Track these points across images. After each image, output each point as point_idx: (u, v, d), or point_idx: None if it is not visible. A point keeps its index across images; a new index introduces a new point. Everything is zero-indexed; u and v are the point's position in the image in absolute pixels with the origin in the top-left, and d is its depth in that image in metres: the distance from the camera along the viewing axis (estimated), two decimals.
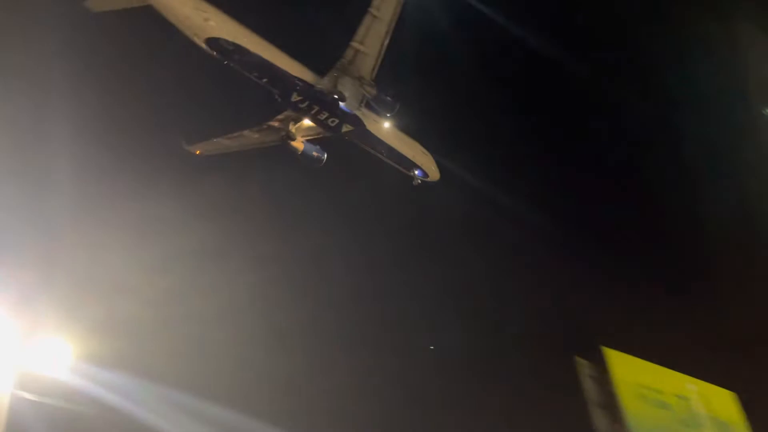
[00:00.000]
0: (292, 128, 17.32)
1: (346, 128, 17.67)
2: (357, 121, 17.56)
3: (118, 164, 20.07)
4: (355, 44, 16.33)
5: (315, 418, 22.88)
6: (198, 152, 18.71)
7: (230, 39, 15.31)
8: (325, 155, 18.09)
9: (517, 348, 25.14)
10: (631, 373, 25.00)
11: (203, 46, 15.60)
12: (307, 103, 16.88)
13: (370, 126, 17.93)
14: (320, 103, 16.76)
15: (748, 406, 27.46)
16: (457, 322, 27.56)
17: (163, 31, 15.89)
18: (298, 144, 17.59)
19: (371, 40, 16.04)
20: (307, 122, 17.54)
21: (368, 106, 17.96)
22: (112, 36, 16.90)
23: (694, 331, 27.51)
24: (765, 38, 24.67)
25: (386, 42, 16.14)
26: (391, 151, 18.56)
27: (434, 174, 19.88)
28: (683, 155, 29.44)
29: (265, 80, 16.45)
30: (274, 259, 22.45)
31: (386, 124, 17.87)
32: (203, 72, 18.01)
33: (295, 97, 16.64)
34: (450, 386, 26.66)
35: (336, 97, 16.55)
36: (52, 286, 18.81)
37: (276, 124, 17.47)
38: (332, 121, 17.34)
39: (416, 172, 19.41)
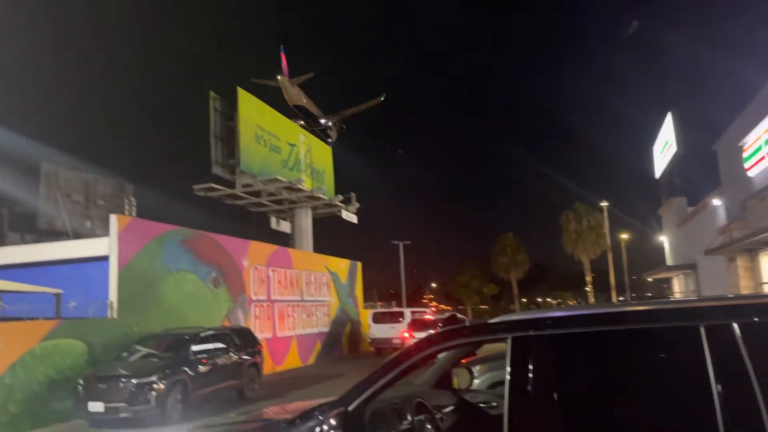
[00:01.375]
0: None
1: (320, 127, 33.24)
2: (326, 126, 33.80)
3: None
4: (346, 111, 35.26)
5: None
6: None
7: (303, 105, 31.36)
8: None
9: None
10: (256, 115, 26.14)
11: (291, 106, 30.67)
12: (312, 121, 32.77)
13: (326, 126, 33.90)
14: (316, 123, 32.96)
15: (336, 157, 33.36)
16: None
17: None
18: None
19: (353, 111, 35.33)
20: (302, 123, 32.10)
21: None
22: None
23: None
24: None
25: (358, 113, 35.78)
26: (327, 130, 33.95)
27: (334, 138, 35.03)
28: None
29: (303, 114, 31.92)
30: None
31: (330, 124, 34.04)
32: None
33: (310, 121, 32.66)
34: None
35: (325, 123, 33.53)
36: None
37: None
38: (317, 126, 32.95)
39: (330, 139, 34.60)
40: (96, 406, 10.81)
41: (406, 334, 22.71)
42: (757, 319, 2.50)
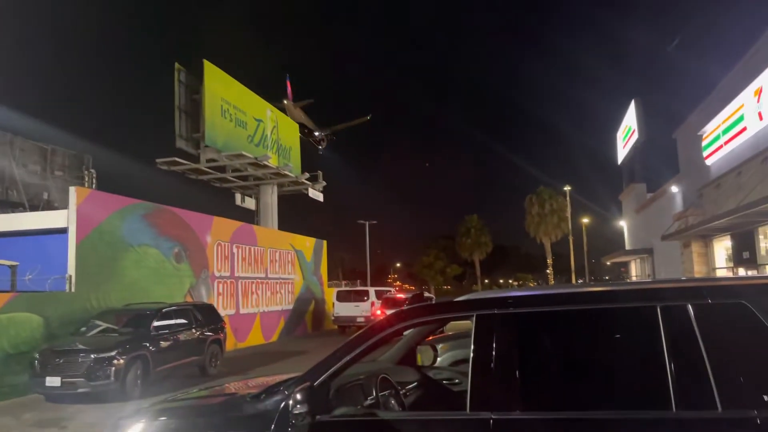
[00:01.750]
0: None
1: (314, 138, 38.03)
2: (319, 138, 38.33)
3: None
4: (337, 126, 39.86)
5: None
6: None
7: (303, 122, 35.30)
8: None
9: None
10: (222, 89, 25.61)
11: (295, 123, 33.51)
12: (308, 133, 36.91)
13: (320, 137, 38.64)
14: (311, 135, 37.46)
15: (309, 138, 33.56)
16: None
17: None
18: None
19: (342, 126, 40.15)
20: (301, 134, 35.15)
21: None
22: None
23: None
24: None
25: (346, 128, 40.62)
26: (320, 141, 38.56)
27: (324, 146, 39.39)
28: None
29: (301, 128, 34.90)
30: None
31: (323, 135, 38.66)
32: None
33: (307, 132, 36.73)
34: None
35: (318, 135, 38.05)
36: None
37: None
38: (312, 137, 37.64)
39: (320, 147, 39.10)
40: (53, 381, 10.59)
41: (379, 312, 23.75)
42: (710, 301, 2.62)
